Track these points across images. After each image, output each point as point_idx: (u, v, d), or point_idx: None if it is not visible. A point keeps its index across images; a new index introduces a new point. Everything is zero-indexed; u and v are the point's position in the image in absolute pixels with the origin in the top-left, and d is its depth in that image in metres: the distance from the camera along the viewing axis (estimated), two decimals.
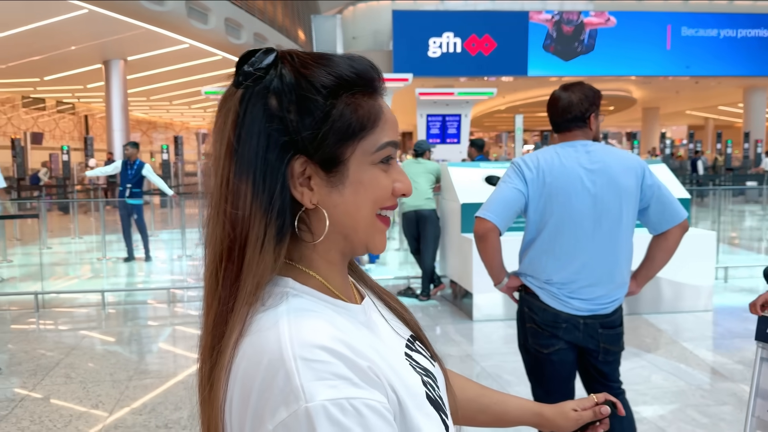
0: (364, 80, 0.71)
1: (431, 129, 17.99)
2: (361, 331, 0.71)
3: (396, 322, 0.85)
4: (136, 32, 17.00)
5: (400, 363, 0.72)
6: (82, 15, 15.16)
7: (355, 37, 28.81)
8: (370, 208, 0.72)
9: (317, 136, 0.68)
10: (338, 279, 0.76)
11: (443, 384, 0.82)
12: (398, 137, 0.75)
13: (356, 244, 0.74)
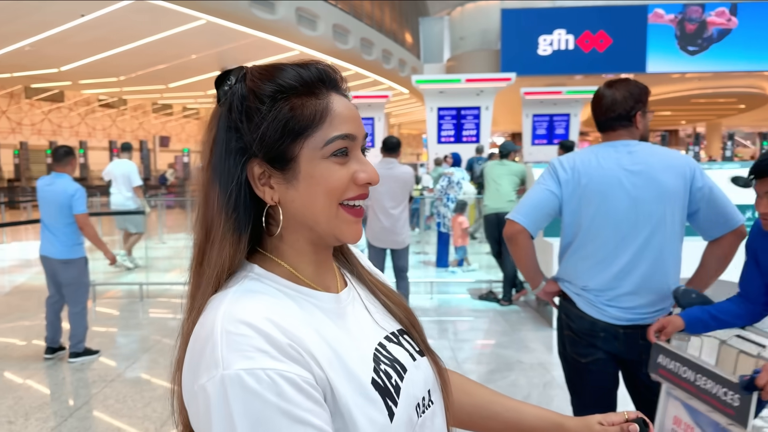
0: (308, 84, 0.77)
1: (537, 129, 17.52)
2: (312, 315, 0.76)
3: (383, 315, 0.88)
4: (249, 40, 17.92)
5: (352, 349, 0.76)
6: (200, 25, 16.22)
7: (463, 38, 28.64)
8: (325, 200, 0.77)
9: (261, 138, 0.76)
10: (309, 268, 0.81)
11: (423, 377, 0.84)
12: (355, 130, 0.79)
13: (322, 235, 0.79)
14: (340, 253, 0.94)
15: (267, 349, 0.66)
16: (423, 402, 0.83)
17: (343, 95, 0.82)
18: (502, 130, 38.81)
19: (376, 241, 5.24)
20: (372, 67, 23.95)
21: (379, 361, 0.78)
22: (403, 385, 0.79)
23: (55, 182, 4.48)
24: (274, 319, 0.70)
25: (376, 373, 0.76)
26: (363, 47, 22.82)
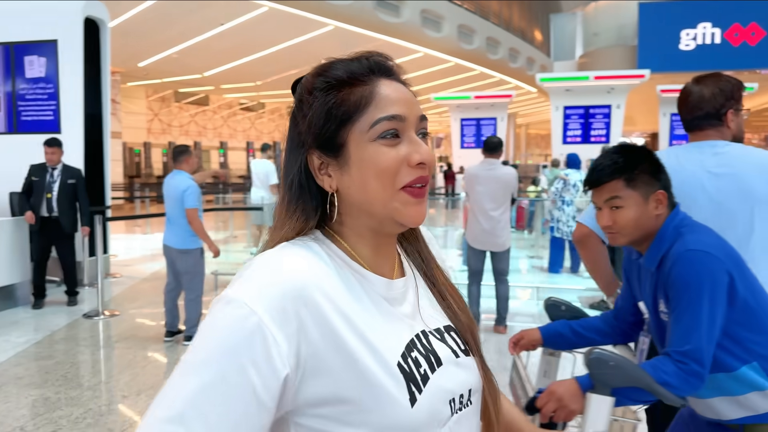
0: (355, 74, 0.79)
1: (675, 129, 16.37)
2: (352, 290, 0.77)
3: (435, 310, 0.88)
4: (375, 44, 18.34)
5: (384, 331, 0.77)
6: (328, 31, 16.86)
7: (597, 34, 27.40)
8: (377, 182, 0.77)
9: (309, 126, 0.80)
10: (367, 251, 0.82)
11: (464, 376, 0.83)
12: (404, 111, 0.78)
13: (381, 219, 0.80)
14: (412, 245, 0.93)
15: (271, 301, 0.69)
16: (461, 399, 0.82)
17: (396, 80, 0.82)
18: (641, 130, 36.63)
19: (476, 242, 5.17)
20: (498, 66, 23.58)
21: (412, 348, 0.78)
22: (434, 377, 0.78)
23: (174, 178, 4.90)
24: (302, 274, 0.73)
25: (404, 358, 0.76)
26: (489, 46, 22.53)
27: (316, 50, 18.19)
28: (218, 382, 0.66)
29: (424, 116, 0.81)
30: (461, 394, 0.83)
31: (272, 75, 20.69)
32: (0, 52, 7.27)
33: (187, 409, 0.65)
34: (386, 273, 0.85)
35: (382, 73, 0.82)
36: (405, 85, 0.84)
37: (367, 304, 0.79)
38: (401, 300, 0.84)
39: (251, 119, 30.69)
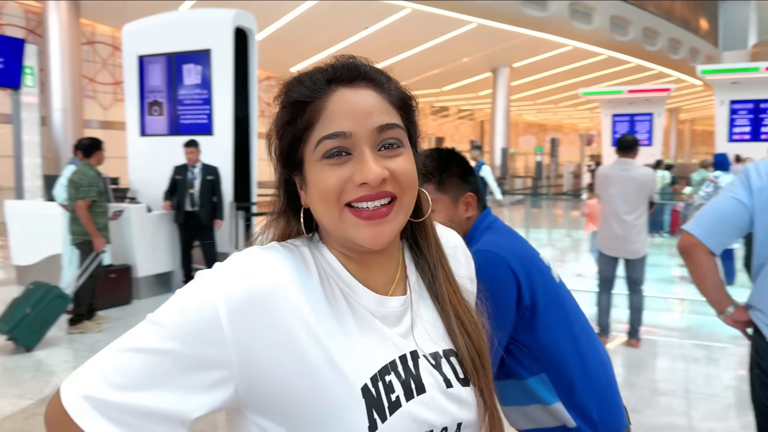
0: (306, 91, 0.74)
1: None
2: (335, 302, 0.74)
3: (437, 332, 0.81)
4: (520, 39, 17.90)
5: (358, 349, 0.72)
6: (471, 29, 16.72)
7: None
8: (321, 204, 0.73)
9: (275, 147, 0.79)
10: (352, 266, 0.77)
11: (453, 407, 0.76)
12: (350, 127, 0.72)
13: (340, 239, 0.76)
14: (422, 256, 0.85)
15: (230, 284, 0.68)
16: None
17: (359, 86, 0.75)
18: None
19: (607, 249, 4.85)
20: (656, 58, 21.99)
21: (389, 371, 0.73)
22: (408, 405, 0.72)
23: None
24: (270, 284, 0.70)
25: (374, 381, 0.71)
26: (645, 37, 21.07)
27: (457, 49, 18.16)
28: (160, 351, 0.66)
29: (388, 125, 0.73)
30: (444, 427, 0.75)
31: (415, 75, 20.94)
32: (163, 62, 8.05)
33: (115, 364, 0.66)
34: (379, 288, 0.79)
35: (344, 80, 0.75)
36: (378, 88, 0.76)
37: (345, 318, 0.74)
38: (396, 319, 0.78)
39: None
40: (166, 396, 0.66)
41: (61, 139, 12.23)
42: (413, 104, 0.82)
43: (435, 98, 29.00)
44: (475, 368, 0.80)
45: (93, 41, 15.16)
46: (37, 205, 7.68)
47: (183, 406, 0.67)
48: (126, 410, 0.65)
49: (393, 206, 0.73)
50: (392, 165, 0.73)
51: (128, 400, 0.65)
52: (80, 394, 0.66)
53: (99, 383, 0.66)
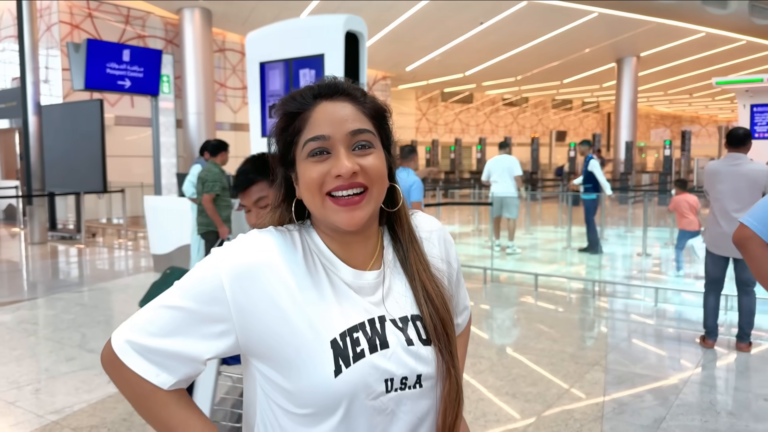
0: (303, 102, 0.94)
1: None
2: (316, 274, 0.93)
3: (406, 300, 0.98)
4: (647, 27, 17.01)
5: (332, 311, 0.91)
6: (593, 19, 16.14)
7: None
8: (308, 194, 0.92)
9: (276, 151, 0.99)
10: (335, 246, 0.96)
11: (413, 361, 0.92)
12: (330, 131, 0.90)
13: (324, 223, 0.95)
14: (399, 237, 1.02)
15: (230, 259, 0.90)
16: (405, 381, 0.92)
17: (338, 99, 0.93)
18: None
19: (715, 247, 4.62)
20: None
21: (357, 330, 0.91)
22: (371, 357, 0.89)
23: (400, 174, 5.29)
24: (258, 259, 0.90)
25: (342, 337, 0.89)
26: None
27: (578, 40, 17.57)
28: (180, 308, 0.89)
29: (360, 130, 0.91)
30: (405, 376, 0.92)
31: (533, 68, 20.52)
32: (282, 68, 8.59)
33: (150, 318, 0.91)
34: (358, 265, 0.97)
35: (326, 95, 0.94)
36: (354, 101, 0.94)
37: (323, 287, 0.93)
38: (371, 290, 0.96)
39: (513, 114, 30.77)
40: (185, 342, 0.90)
41: (195, 141, 13.34)
42: (387, 114, 0.99)
43: (555, 91, 28.19)
44: (436, 332, 0.96)
45: (224, 48, 16.36)
46: (171, 200, 8.52)
47: (197, 350, 0.91)
48: (156, 352, 0.90)
49: (365, 196, 0.91)
50: (363, 162, 0.91)
51: (157, 344, 0.90)
52: (124, 339, 0.92)
53: (138, 331, 0.91)
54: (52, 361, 4.48)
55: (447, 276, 1.05)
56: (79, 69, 9.32)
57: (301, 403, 0.90)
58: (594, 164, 9.00)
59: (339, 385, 0.88)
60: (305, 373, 0.88)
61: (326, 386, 0.88)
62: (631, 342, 4.98)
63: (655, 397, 3.78)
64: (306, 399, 0.89)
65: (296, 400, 0.90)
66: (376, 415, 0.90)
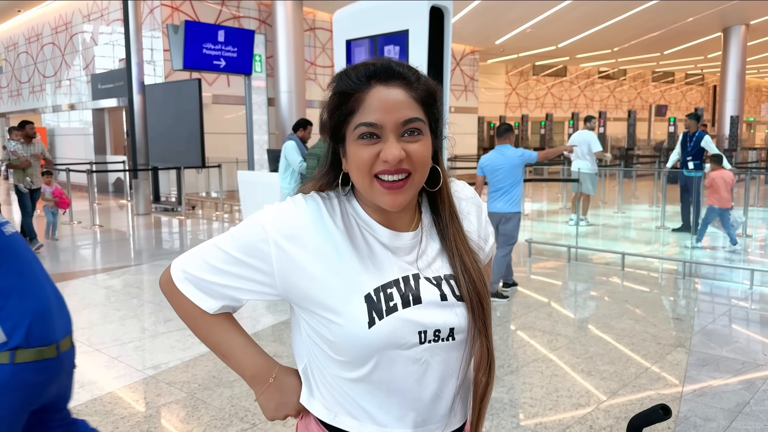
0: (358, 81, 0.97)
1: None
2: (352, 235, 1.01)
3: (442, 261, 1.06)
4: None
5: (369, 268, 0.99)
6: None
7: None
8: (357, 173, 0.98)
9: (326, 124, 1.04)
10: (376, 215, 1.04)
11: (444, 315, 1.00)
12: (380, 119, 0.95)
13: (368, 199, 1.02)
14: (437, 207, 1.08)
15: (277, 226, 0.99)
16: (438, 333, 0.99)
17: (394, 85, 0.96)
18: None
19: None
20: None
21: (391, 285, 0.99)
22: (404, 311, 0.97)
23: (503, 152, 5.53)
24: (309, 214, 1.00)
25: (376, 292, 0.97)
26: None
27: (681, 8, 16.51)
28: (229, 254, 1.02)
29: (411, 119, 0.96)
30: (437, 329, 0.99)
31: (630, 39, 19.54)
32: (367, 45, 8.69)
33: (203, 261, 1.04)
34: (397, 227, 1.04)
35: (381, 77, 0.97)
36: (408, 86, 0.98)
37: (360, 247, 1.01)
38: (408, 250, 1.04)
39: (610, 87, 29.46)
40: (230, 281, 1.03)
41: (286, 118, 13.75)
42: (438, 96, 1.02)
43: (655, 63, 26.70)
44: (469, 292, 1.02)
45: (314, 27, 16.67)
46: (263, 175, 8.89)
47: (239, 292, 1.04)
48: (206, 283, 1.04)
49: (407, 181, 0.97)
50: (410, 148, 0.96)
51: (206, 277, 1.04)
52: (180, 268, 1.07)
53: (193, 263, 1.06)
54: (151, 322, 4.88)
55: (481, 252, 1.11)
56: (178, 49, 9.83)
57: (338, 351, 0.99)
58: (707, 140, 8.53)
59: (372, 336, 0.96)
60: (342, 325, 0.97)
61: (361, 337, 0.96)
62: (720, 325, 4.78)
63: (740, 381, 3.63)
64: (343, 348, 0.98)
65: (334, 347, 0.99)
66: (410, 364, 0.98)
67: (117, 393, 3.52)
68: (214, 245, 1.04)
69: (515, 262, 7.22)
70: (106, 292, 5.88)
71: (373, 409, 1.01)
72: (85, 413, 3.25)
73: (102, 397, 3.46)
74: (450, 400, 1.04)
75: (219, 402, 3.38)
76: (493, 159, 5.57)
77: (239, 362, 1.11)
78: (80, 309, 5.29)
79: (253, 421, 3.16)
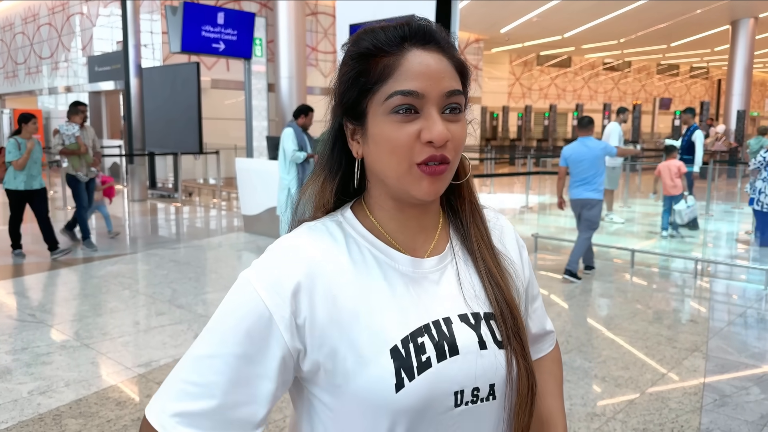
0: (380, 44, 0.76)
1: None
2: (365, 270, 0.79)
3: (476, 294, 0.84)
4: None
5: (391, 312, 0.77)
6: None
7: None
8: (391, 158, 0.75)
9: (338, 93, 0.81)
10: (392, 225, 0.82)
11: (484, 368, 0.79)
12: (423, 87, 0.74)
13: (396, 191, 0.79)
14: (460, 220, 0.88)
15: (266, 278, 0.75)
16: (476, 393, 0.78)
17: (432, 50, 0.76)
18: None
19: None
20: None
21: (422, 333, 0.77)
22: (439, 366, 0.75)
23: (586, 144, 5.69)
24: (304, 254, 0.77)
25: (404, 343, 0.75)
26: None
27: None
28: (220, 351, 0.73)
29: (455, 91, 0.75)
30: (476, 387, 0.78)
31: (636, 31, 19.25)
32: None
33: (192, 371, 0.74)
34: (417, 249, 0.83)
35: (418, 40, 0.76)
36: (447, 53, 0.78)
37: (377, 283, 0.78)
38: (432, 279, 0.82)
39: (614, 79, 29.16)
40: (240, 392, 0.73)
41: (286, 105, 13.48)
42: (469, 72, 0.82)
43: (661, 55, 26.40)
44: (507, 330, 0.81)
45: (316, 12, 16.36)
46: (262, 162, 8.66)
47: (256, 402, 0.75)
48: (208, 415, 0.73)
49: (447, 166, 0.76)
50: (452, 128, 0.76)
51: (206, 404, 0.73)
52: (160, 412, 0.74)
53: (175, 396, 0.74)
54: (143, 315, 4.67)
55: (519, 277, 0.90)
56: (176, 31, 9.55)
57: (349, 420, 0.77)
58: (699, 135, 8.52)
59: (403, 401, 0.74)
60: (365, 389, 0.75)
61: (389, 403, 0.74)
62: (736, 327, 4.59)
63: (762, 390, 3.44)
64: (357, 417, 0.76)
65: (344, 419, 0.77)
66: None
67: (104, 393, 3.32)
68: (195, 358, 0.75)
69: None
70: (97, 281, 5.67)
71: None
72: (68, 415, 3.05)
73: (87, 398, 3.26)
74: None
75: None
76: (577, 150, 5.71)
77: None
78: (69, 300, 5.08)
79: None
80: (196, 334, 4.20)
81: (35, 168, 6.45)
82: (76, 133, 7.07)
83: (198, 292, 5.38)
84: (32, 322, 4.44)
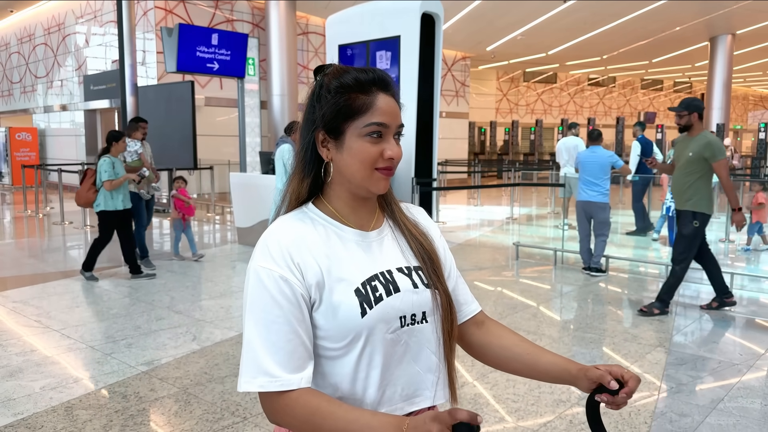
0: (362, 85, 1.10)
1: None
2: (329, 240, 1.12)
3: (407, 253, 1.20)
4: (743, 4, 16.01)
5: (351, 267, 1.11)
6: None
7: None
8: (360, 166, 1.10)
9: (323, 115, 1.15)
10: (346, 209, 1.17)
11: (418, 301, 1.14)
12: (389, 121, 1.10)
13: (357, 187, 1.14)
14: (389, 208, 1.24)
15: (274, 257, 1.07)
16: (413, 318, 1.13)
17: (389, 95, 1.12)
18: None
19: None
20: None
21: (374, 279, 1.11)
22: (388, 299, 1.10)
23: (595, 151, 6.74)
24: (293, 239, 1.09)
25: (363, 285, 1.09)
26: None
27: (669, 18, 16.77)
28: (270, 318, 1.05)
29: (401, 124, 1.14)
30: (413, 313, 1.14)
31: (620, 47, 19.79)
32: (361, 50, 8.81)
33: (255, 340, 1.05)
34: (364, 225, 1.18)
35: (381, 87, 1.12)
36: (396, 98, 1.15)
37: (338, 250, 1.13)
38: (376, 246, 1.17)
39: (599, 95, 29.75)
40: (292, 331, 1.05)
41: (278, 121, 13.84)
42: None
43: (644, 71, 27.01)
44: (431, 275, 1.18)
45: (307, 32, 16.78)
46: (255, 177, 8.98)
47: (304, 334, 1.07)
48: (280, 359, 1.03)
49: (393, 171, 1.14)
50: (397, 149, 1.14)
51: (278, 356, 1.04)
52: (256, 373, 1.03)
53: (256, 359, 1.04)
54: (144, 320, 4.95)
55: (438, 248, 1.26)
56: (172, 52, 9.90)
57: (334, 338, 1.09)
58: (635, 145, 9.27)
59: (366, 323, 1.08)
60: (340, 317, 1.08)
61: (357, 325, 1.08)
62: (701, 326, 4.92)
63: (716, 379, 3.77)
64: (339, 335, 1.09)
65: (331, 336, 1.09)
66: (392, 346, 1.11)
67: (110, 388, 3.60)
68: (256, 333, 1.05)
69: (503, 265, 7.36)
70: (98, 291, 5.95)
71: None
72: (79, 407, 3.33)
73: (95, 392, 3.54)
74: (431, 374, 1.16)
75: (211, 397, 3.47)
76: (587, 155, 6.83)
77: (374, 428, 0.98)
78: (73, 307, 5.35)
79: (244, 414, 3.25)
80: (194, 336, 4.49)
81: (126, 186, 6.39)
82: (138, 149, 7.04)
83: (195, 299, 5.66)
84: (38, 328, 4.72)
